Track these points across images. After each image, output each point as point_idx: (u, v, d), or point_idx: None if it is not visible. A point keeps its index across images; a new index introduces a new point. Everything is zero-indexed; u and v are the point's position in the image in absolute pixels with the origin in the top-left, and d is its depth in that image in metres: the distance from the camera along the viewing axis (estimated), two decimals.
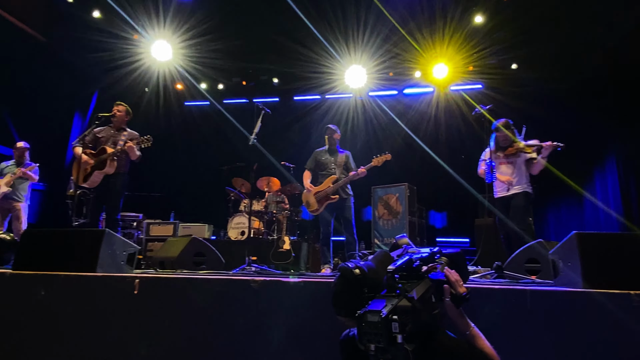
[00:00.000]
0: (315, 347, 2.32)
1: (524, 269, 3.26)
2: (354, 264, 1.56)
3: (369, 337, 1.24)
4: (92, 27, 7.64)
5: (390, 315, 1.24)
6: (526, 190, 4.35)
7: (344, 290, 1.53)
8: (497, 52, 7.51)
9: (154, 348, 2.51)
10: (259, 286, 2.50)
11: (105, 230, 2.96)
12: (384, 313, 1.25)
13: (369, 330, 1.24)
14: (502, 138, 4.40)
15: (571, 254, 2.28)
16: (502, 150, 4.42)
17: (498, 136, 4.42)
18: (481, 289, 2.19)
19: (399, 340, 1.22)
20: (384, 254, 1.67)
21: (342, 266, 1.59)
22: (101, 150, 4.65)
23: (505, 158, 4.41)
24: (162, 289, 2.63)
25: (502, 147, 4.42)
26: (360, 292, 1.46)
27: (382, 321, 1.23)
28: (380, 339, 1.22)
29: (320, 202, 5.00)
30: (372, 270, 1.53)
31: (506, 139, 4.39)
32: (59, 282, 2.78)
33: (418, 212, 7.14)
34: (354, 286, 1.50)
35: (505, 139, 4.39)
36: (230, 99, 9.87)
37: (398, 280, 1.41)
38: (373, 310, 1.27)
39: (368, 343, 1.24)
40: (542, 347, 2.06)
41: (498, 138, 4.42)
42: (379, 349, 1.23)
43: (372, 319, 1.25)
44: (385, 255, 1.67)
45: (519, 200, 4.28)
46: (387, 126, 8.45)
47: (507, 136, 4.38)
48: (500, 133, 4.38)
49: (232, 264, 4.24)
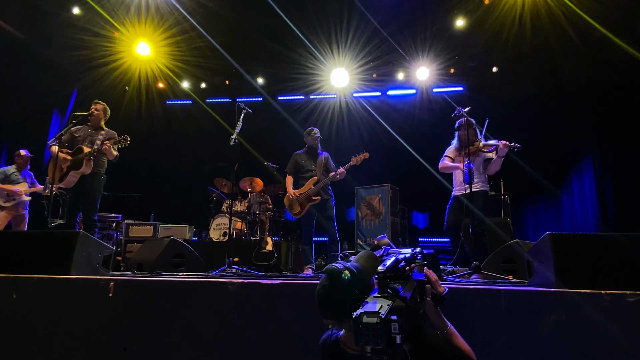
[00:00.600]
0: (293, 349, 2.31)
1: (501, 269, 3.32)
2: (342, 265, 1.52)
3: (367, 339, 1.23)
4: (71, 24, 7.49)
5: (389, 316, 1.24)
6: (484, 189, 4.44)
7: (333, 292, 1.48)
8: (478, 55, 7.62)
9: (129, 351, 2.47)
10: (237, 288, 2.48)
11: (80, 232, 2.90)
12: (382, 314, 1.24)
13: (367, 332, 1.23)
14: (462, 136, 4.46)
15: (545, 254, 2.32)
16: (464, 148, 4.45)
17: (460, 134, 4.48)
18: (458, 289, 2.21)
19: (398, 340, 1.22)
20: (369, 255, 1.66)
21: (329, 267, 1.53)
22: (78, 149, 4.55)
23: (466, 156, 4.44)
24: (138, 292, 2.58)
25: (464, 146, 4.45)
26: (350, 294, 1.44)
27: (381, 322, 1.22)
28: (379, 340, 1.21)
29: (302, 205, 5.01)
30: (360, 271, 1.52)
31: (467, 138, 4.42)
32: (32, 285, 2.70)
33: (400, 212, 7.19)
34: (344, 288, 1.46)
35: (466, 137, 4.42)
36: (213, 98, 9.78)
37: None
38: (370, 312, 1.25)
39: (365, 345, 1.23)
40: (516, 346, 2.09)
41: (460, 136, 4.49)
42: (376, 350, 1.22)
43: (369, 320, 1.24)
44: (370, 255, 1.65)
45: (479, 199, 4.34)
46: (370, 127, 8.49)
47: (470, 135, 4.42)
48: (463, 131, 4.44)
49: (213, 266, 4.19)
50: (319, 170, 5.07)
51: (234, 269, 4.02)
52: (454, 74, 8.15)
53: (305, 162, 5.16)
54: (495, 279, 3.02)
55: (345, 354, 1.50)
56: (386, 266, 1.45)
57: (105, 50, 7.98)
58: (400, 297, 1.36)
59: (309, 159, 5.19)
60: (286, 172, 5.26)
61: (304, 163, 5.16)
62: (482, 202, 4.33)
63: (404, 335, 1.24)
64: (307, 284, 2.50)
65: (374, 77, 8.70)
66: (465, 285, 2.37)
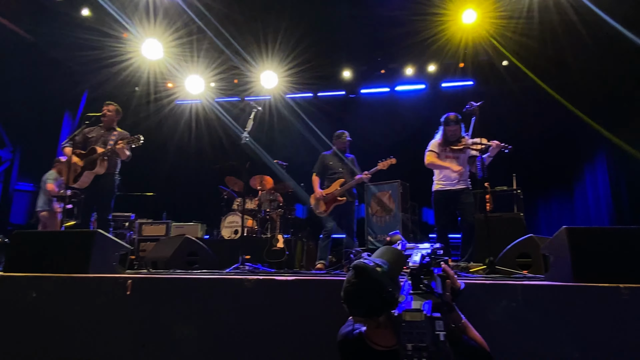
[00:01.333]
0: (309, 345, 2.32)
1: (515, 264, 3.30)
2: (372, 261, 1.50)
3: (410, 336, 1.22)
4: (81, 26, 7.54)
5: (433, 314, 1.24)
6: (469, 187, 4.44)
7: (364, 288, 1.44)
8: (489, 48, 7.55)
9: (147, 348, 2.50)
10: (252, 285, 2.50)
11: (96, 231, 2.94)
12: (427, 312, 1.24)
13: (410, 330, 1.23)
14: (451, 132, 4.41)
15: (561, 249, 2.30)
16: (449, 144, 4.43)
17: (447, 130, 4.42)
18: (474, 284, 2.21)
19: (442, 338, 1.22)
20: (394, 251, 1.63)
21: (359, 264, 1.50)
22: (91, 150, 4.60)
23: (452, 152, 4.43)
24: (155, 289, 2.61)
25: (449, 142, 4.43)
26: (382, 291, 1.42)
27: (427, 320, 1.22)
28: (423, 338, 1.21)
29: (327, 204, 5.13)
30: (390, 267, 1.50)
31: (455, 134, 4.40)
32: (51, 283, 2.75)
33: (411, 208, 7.17)
34: (376, 285, 1.44)
35: (454, 133, 4.40)
36: (222, 98, 9.82)
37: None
38: (413, 310, 1.26)
39: (408, 343, 1.22)
40: (533, 341, 2.08)
41: (447, 132, 4.43)
42: (418, 348, 1.21)
43: (413, 317, 1.24)
44: (395, 251, 1.63)
45: (468, 196, 4.36)
46: (379, 123, 8.46)
47: (456, 131, 4.40)
48: (450, 127, 4.39)
49: (226, 263, 4.22)
50: (346, 172, 5.16)
51: (247, 266, 4.04)
52: (464, 68, 8.08)
53: (334, 163, 5.25)
54: (510, 274, 3.00)
55: (371, 350, 1.49)
56: (417, 262, 1.45)
57: (114, 51, 8.04)
58: (435, 294, 1.36)
59: (337, 160, 5.28)
60: (313, 172, 5.37)
61: (332, 165, 5.25)
62: (472, 199, 4.38)
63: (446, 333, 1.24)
64: (321, 280, 2.51)
65: (382, 72, 8.68)
66: (480, 280, 2.36)
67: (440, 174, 4.52)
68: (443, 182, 4.48)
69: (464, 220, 4.32)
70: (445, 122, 4.45)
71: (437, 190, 4.52)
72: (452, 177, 4.41)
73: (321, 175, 5.31)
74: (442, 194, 4.45)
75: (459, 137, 4.40)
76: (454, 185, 4.40)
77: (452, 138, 4.40)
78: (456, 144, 4.38)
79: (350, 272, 1.51)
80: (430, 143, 4.59)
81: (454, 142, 4.39)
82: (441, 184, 4.49)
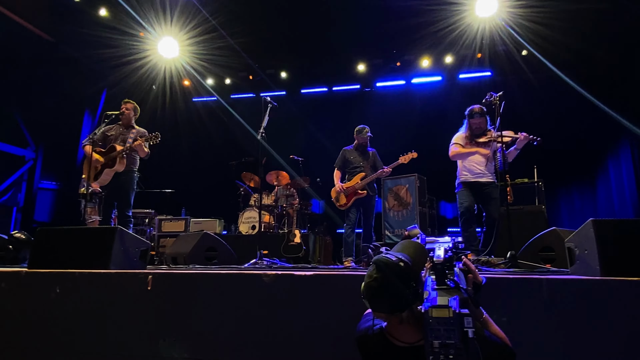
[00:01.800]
0: (328, 340, 2.31)
1: (538, 258, 3.22)
2: (394, 255, 1.46)
3: (437, 333, 1.20)
4: (98, 25, 7.65)
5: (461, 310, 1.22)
6: (495, 181, 4.32)
7: (387, 284, 1.41)
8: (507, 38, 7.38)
9: (169, 342, 2.53)
10: (272, 280, 2.50)
11: (117, 227, 2.98)
12: (455, 308, 1.21)
13: (438, 327, 1.20)
14: (476, 125, 4.32)
15: (588, 241, 2.23)
16: (475, 137, 4.33)
17: (472, 123, 4.33)
18: (496, 279, 2.16)
19: (470, 335, 1.19)
20: (416, 245, 1.59)
21: (381, 259, 1.46)
22: (110, 148, 4.68)
23: (477, 145, 4.33)
24: (175, 285, 2.64)
25: (475, 135, 4.33)
26: (407, 286, 1.39)
27: (455, 317, 1.20)
28: (451, 335, 1.19)
29: (348, 198, 5.19)
30: (413, 262, 1.46)
31: (480, 127, 4.31)
32: (74, 279, 2.81)
33: (428, 202, 7.09)
34: (400, 280, 1.40)
35: (479, 126, 4.31)
36: (238, 94, 9.87)
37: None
38: (440, 306, 1.23)
39: (435, 340, 1.20)
40: (558, 337, 2.03)
41: (472, 125, 4.34)
42: (445, 345, 1.18)
43: (440, 314, 1.21)
44: (417, 246, 1.59)
45: (494, 191, 4.25)
46: (396, 117, 8.37)
47: (481, 123, 4.31)
48: (475, 120, 4.30)
49: (244, 259, 4.25)
50: (367, 167, 5.20)
51: (265, 261, 4.06)
52: (481, 58, 7.93)
53: (355, 158, 5.30)
54: (533, 268, 2.94)
55: (392, 346, 1.46)
56: (441, 257, 1.42)
57: (131, 49, 8.14)
58: (462, 289, 1.33)
59: (358, 155, 5.32)
60: (334, 166, 5.41)
61: (353, 159, 5.29)
62: (498, 193, 4.24)
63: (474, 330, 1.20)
64: (340, 275, 2.50)
65: (397, 65, 8.58)
66: (504, 274, 2.31)
67: (464, 168, 4.41)
68: (466, 175, 4.37)
69: (488, 215, 4.23)
70: (469, 114, 4.35)
71: (461, 181, 4.41)
72: (476, 170, 4.31)
73: (342, 170, 5.36)
74: (467, 185, 4.34)
75: (484, 130, 4.30)
76: (478, 178, 4.29)
77: (478, 131, 4.31)
78: (481, 137, 4.28)
79: (372, 267, 1.48)
80: (455, 136, 4.49)
81: (480, 135, 4.30)
82: (465, 177, 4.39)
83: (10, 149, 8.36)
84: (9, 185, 8.49)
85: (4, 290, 2.94)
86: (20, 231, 4.27)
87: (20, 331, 2.82)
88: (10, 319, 2.87)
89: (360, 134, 5.29)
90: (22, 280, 2.94)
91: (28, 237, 4.11)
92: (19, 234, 4.21)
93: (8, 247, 3.98)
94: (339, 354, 2.23)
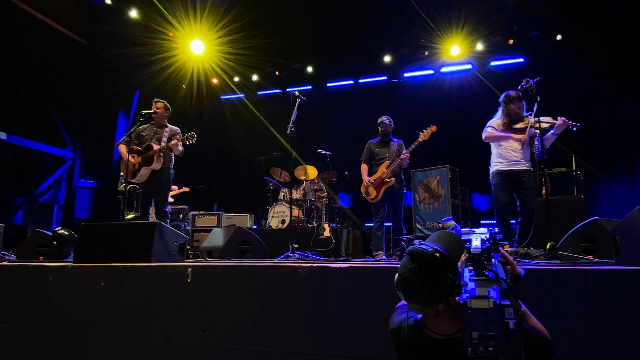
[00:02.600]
0: (362, 331, 2.32)
1: (579, 249, 3.11)
2: (429, 246, 1.44)
3: (477, 325, 1.17)
4: (129, 27, 7.87)
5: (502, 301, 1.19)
6: (531, 169, 4.16)
7: (425, 276, 1.38)
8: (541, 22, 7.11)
9: (209, 332, 2.60)
10: (306, 272, 2.53)
11: (157, 222, 3.08)
12: (495, 299, 1.19)
13: (477, 318, 1.18)
14: (513, 111, 4.16)
15: (635, 231, 2.14)
16: (512, 123, 4.17)
17: (510, 109, 4.17)
18: (539, 270, 2.10)
19: (511, 326, 1.16)
20: (451, 235, 1.57)
21: (416, 250, 1.44)
22: (147, 147, 4.83)
23: (512, 131, 4.16)
24: (213, 277, 2.71)
25: (512, 121, 4.17)
26: (443, 277, 1.37)
27: (496, 307, 1.17)
28: (491, 326, 1.16)
29: (378, 189, 5.15)
30: (449, 253, 1.44)
31: (517, 113, 4.16)
32: (117, 273, 2.92)
33: (461, 194, 6.94)
34: (436, 271, 1.38)
35: (517, 112, 4.15)
36: (264, 90, 9.96)
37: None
38: (479, 296, 1.21)
39: (474, 331, 1.17)
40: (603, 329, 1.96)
41: (509, 111, 4.18)
42: (485, 337, 1.16)
43: (480, 305, 1.19)
44: (453, 236, 1.56)
45: (530, 178, 4.09)
46: (425, 107, 8.24)
47: (519, 109, 4.15)
48: (513, 105, 4.14)
49: (275, 252, 4.31)
50: (391, 156, 5.16)
51: (297, 254, 4.10)
52: (513, 45, 7.68)
53: (379, 150, 5.29)
54: (575, 260, 2.84)
55: (429, 338, 1.45)
56: (479, 247, 1.39)
57: (161, 49, 8.34)
58: (501, 280, 1.29)
59: (382, 146, 5.30)
60: (361, 160, 5.39)
61: (378, 151, 5.29)
62: (534, 182, 4.08)
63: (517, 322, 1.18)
64: (374, 267, 2.50)
65: (425, 54, 8.43)
66: (545, 266, 2.25)
67: (498, 155, 4.26)
68: (502, 162, 4.21)
69: (524, 204, 4.07)
70: (505, 100, 4.20)
71: (496, 170, 4.25)
72: (511, 156, 4.15)
73: (369, 163, 5.35)
74: (502, 175, 4.19)
75: (521, 116, 4.15)
76: (514, 165, 4.13)
77: (515, 117, 4.16)
78: (518, 123, 4.13)
79: (406, 258, 1.46)
80: (491, 120, 4.35)
81: (517, 121, 4.15)
82: (500, 164, 4.22)
83: (50, 150, 8.75)
84: (49, 184, 8.90)
85: (51, 284, 3.10)
86: (63, 228, 4.44)
87: (68, 322, 2.97)
88: (58, 310, 3.02)
89: (381, 124, 5.30)
90: (68, 274, 3.09)
91: (71, 233, 4.28)
92: (62, 230, 4.38)
93: (53, 243, 4.16)
94: (375, 346, 2.24)
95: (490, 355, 1.15)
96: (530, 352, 1.32)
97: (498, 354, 1.15)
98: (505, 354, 1.15)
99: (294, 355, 2.44)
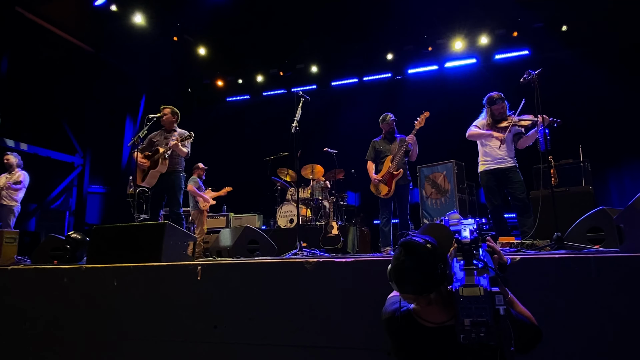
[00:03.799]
0: (371, 323, 2.35)
1: (586, 239, 3.11)
2: (420, 238, 1.50)
3: (469, 312, 1.22)
4: (134, 33, 7.98)
5: (492, 288, 1.24)
6: (516, 165, 4.35)
7: (416, 266, 1.44)
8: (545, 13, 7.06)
9: (220, 329, 2.66)
10: (313, 267, 2.57)
11: (166, 223, 3.14)
12: (486, 286, 1.23)
13: (469, 305, 1.23)
14: (497, 111, 4.35)
15: (638, 217, 2.15)
16: (496, 123, 4.36)
17: (494, 109, 4.36)
18: (541, 259, 2.12)
19: (502, 312, 1.21)
20: (441, 227, 1.63)
21: (408, 241, 1.50)
22: (155, 151, 4.93)
23: (497, 131, 4.34)
24: (223, 274, 2.76)
25: (496, 120, 4.35)
26: (434, 268, 1.42)
27: (486, 295, 1.22)
28: (483, 313, 1.21)
29: (388, 183, 5.13)
30: (440, 243, 1.50)
31: (501, 112, 4.34)
32: (129, 272, 2.99)
33: (468, 189, 6.94)
34: (428, 261, 1.44)
35: (500, 111, 4.34)
36: (269, 91, 10.03)
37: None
38: (470, 284, 1.25)
39: (466, 318, 1.22)
40: (606, 315, 1.97)
41: (494, 111, 4.37)
42: (477, 323, 1.20)
43: (472, 293, 1.23)
44: (440, 227, 1.62)
45: (517, 174, 4.28)
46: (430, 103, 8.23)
47: (502, 108, 4.33)
48: (497, 106, 4.33)
49: (284, 251, 4.34)
50: (395, 150, 5.16)
51: (305, 252, 4.13)
52: (518, 37, 7.64)
53: (384, 147, 5.29)
54: (581, 249, 2.84)
55: (421, 326, 1.49)
56: (468, 238, 1.44)
57: (166, 54, 8.44)
58: (490, 269, 1.34)
59: (386, 144, 5.30)
60: (366, 159, 5.40)
61: (382, 149, 5.29)
62: (521, 177, 4.28)
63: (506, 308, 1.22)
64: (379, 260, 2.53)
65: (429, 50, 8.42)
66: (549, 254, 2.26)
67: (484, 153, 4.46)
68: (488, 161, 4.42)
69: (515, 199, 4.25)
70: (489, 101, 4.40)
71: (483, 170, 4.47)
72: (496, 154, 4.34)
73: (375, 161, 5.35)
74: (490, 174, 4.39)
75: (504, 116, 4.35)
76: (500, 163, 4.33)
77: (499, 117, 4.36)
78: (502, 122, 4.33)
79: (398, 249, 1.51)
80: (476, 120, 4.56)
81: (500, 120, 4.35)
82: (487, 164, 4.43)
83: (60, 157, 8.90)
84: (61, 190, 9.06)
85: (66, 285, 3.18)
86: (76, 232, 4.52)
87: (83, 321, 3.05)
88: (74, 310, 3.10)
89: (384, 121, 5.29)
90: (82, 275, 3.17)
91: (83, 237, 4.36)
92: (75, 234, 4.45)
93: (66, 246, 4.24)
94: (382, 337, 2.27)
95: (481, 340, 1.19)
96: (519, 336, 1.36)
97: (489, 339, 1.19)
98: (495, 339, 1.19)
99: (302, 348, 2.48)
